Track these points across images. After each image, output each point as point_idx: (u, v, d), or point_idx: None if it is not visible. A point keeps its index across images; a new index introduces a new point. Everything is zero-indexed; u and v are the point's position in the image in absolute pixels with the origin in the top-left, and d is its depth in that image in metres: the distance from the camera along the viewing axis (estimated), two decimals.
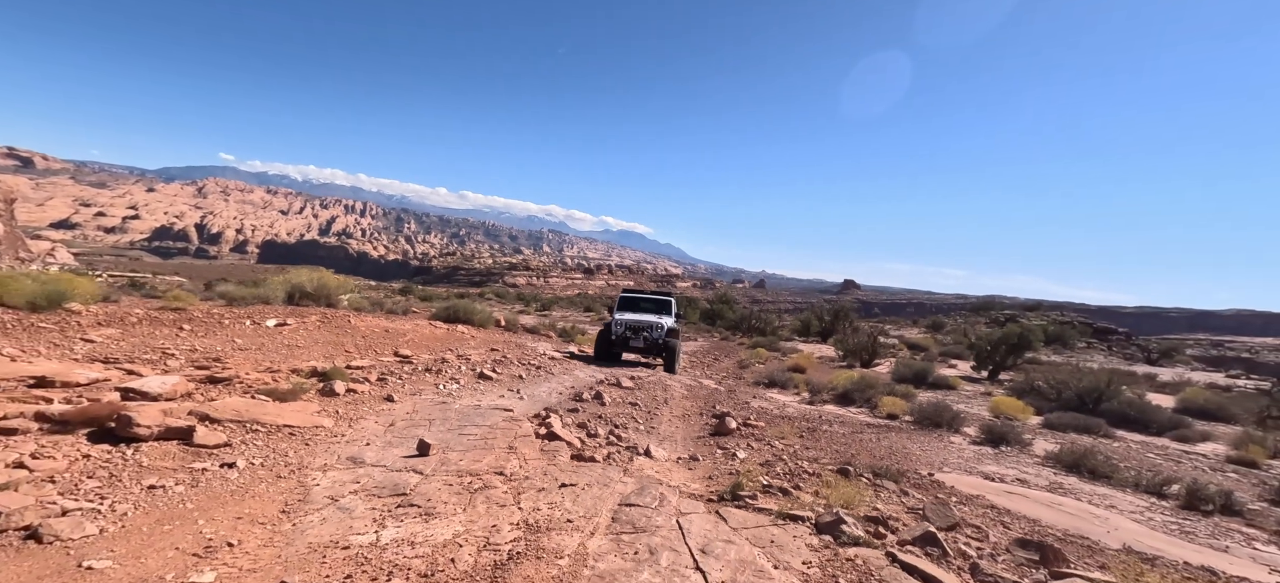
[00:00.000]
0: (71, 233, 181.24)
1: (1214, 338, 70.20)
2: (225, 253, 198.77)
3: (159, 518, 2.70)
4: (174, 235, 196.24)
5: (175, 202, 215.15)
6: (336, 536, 2.71)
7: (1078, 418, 8.87)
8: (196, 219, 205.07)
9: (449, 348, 10.04)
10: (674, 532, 2.88)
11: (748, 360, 16.39)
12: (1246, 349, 55.61)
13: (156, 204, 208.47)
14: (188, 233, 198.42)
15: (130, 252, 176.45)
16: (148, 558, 2.33)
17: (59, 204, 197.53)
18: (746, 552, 2.66)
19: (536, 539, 2.74)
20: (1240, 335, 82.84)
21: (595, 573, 2.43)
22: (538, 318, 24.16)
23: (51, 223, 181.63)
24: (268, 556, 2.47)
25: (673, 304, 14.09)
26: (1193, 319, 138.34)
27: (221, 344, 7.31)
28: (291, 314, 9.90)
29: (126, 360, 5.84)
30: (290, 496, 3.17)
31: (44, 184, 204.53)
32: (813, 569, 2.57)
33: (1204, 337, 71.26)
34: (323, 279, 11.63)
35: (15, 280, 6.32)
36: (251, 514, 2.87)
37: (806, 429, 6.95)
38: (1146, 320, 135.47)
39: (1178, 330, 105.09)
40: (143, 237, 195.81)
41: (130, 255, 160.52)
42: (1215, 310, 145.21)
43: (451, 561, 2.51)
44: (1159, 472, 6.16)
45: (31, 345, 5.76)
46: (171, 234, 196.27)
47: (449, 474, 3.65)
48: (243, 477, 3.35)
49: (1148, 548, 3.76)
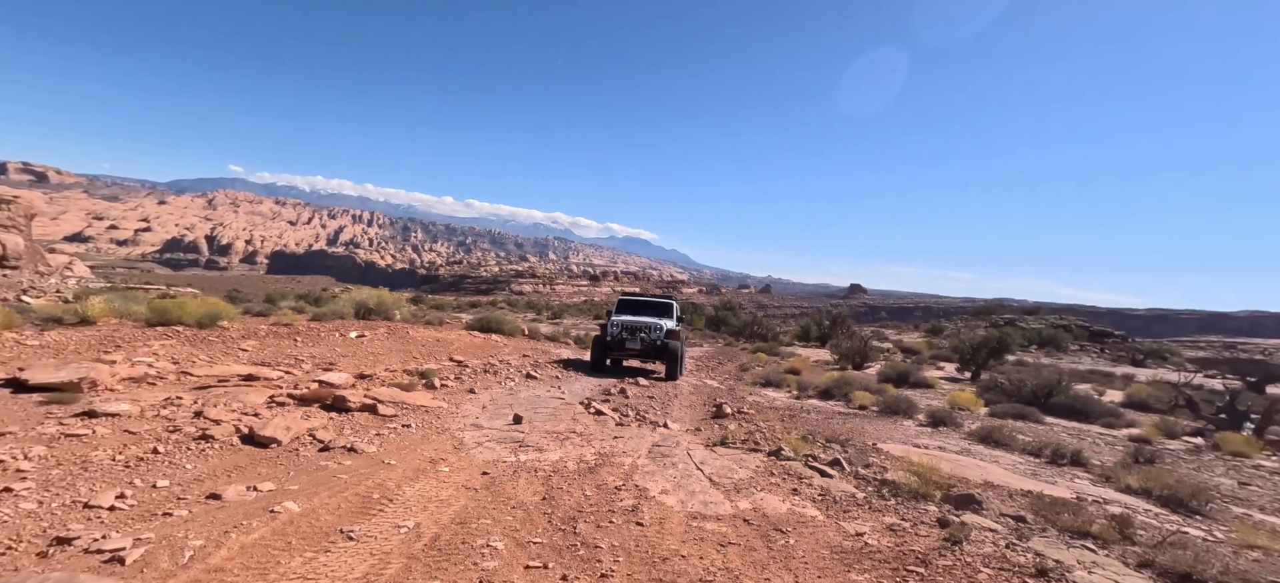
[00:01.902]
0: (84, 246, 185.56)
1: (1227, 340, 71.02)
2: (235, 264, 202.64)
3: (397, 447, 4.83)
4: (184, 247, 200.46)
5: (186, 214, 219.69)
6: (493, 458, 4.82)
7: (1017, 408, 10.86)
8: (207, 231, 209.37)
9: (491, 354, 12.19)
10: (684, 457, 4.97)
11: (749, 364, 18.42)
12: (1260, 351, 56.54)
13: (168, 216, 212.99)
14: (198, 244, 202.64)
15: (142, 264, 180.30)
16: (409, 461, 4.45)
17: (72, 218, 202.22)
18: (724, 464, 4.75)
19: (607, 459, 4.85)
20: (1254, 337, 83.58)
21: (643, 471, 4.53)
22: (552, 326, 26.31)
23: (65, 236, 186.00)
24: (465, 463, 4.59)
25: (674, 307, 13.63)
26: (1205, 321, 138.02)
27: (327, 351, 9.49)
28: (365, 327, 12.09)
29: (273, 364, 8.01)
30: (452, 442, 5.29)
31: (58, 198, 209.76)
32: (760, 469, 4.65)
33: (1216, 339, 72.13)
34: (382, 297, 13.84)
35: (191, 304, 8.53)
36: (438, 450, 4.99)
37: (788, 415, 9.01)
38: (1157, 323, 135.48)
39: (1189, 332, 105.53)
40: (154, 249, 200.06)
41: (142, 267, 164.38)
42: (1229, 312, 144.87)
43: (564, 467, 4.62)
44: (1055, 444, 8.17)
45: (212, 354, 7.96)
46: (182, 246, 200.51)
47: (541, 432, 5.77)
48: (417, 433, 5.47)
49: (997, 480, 5.78)
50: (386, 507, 3.44)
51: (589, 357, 12.84)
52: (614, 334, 11.95)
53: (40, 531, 2.77)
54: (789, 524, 3.56)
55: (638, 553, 3.03)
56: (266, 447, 4.34)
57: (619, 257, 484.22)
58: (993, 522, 3.77)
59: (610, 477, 4.34)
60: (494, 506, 3.60)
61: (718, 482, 4.33)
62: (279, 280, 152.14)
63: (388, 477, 3.99)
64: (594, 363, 11.94)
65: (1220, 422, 10.37)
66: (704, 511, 3.72)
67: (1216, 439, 9.19)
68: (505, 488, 3.97)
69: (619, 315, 12.55)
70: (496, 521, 3.35)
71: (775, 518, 3.64)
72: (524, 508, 3.61)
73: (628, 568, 2.86)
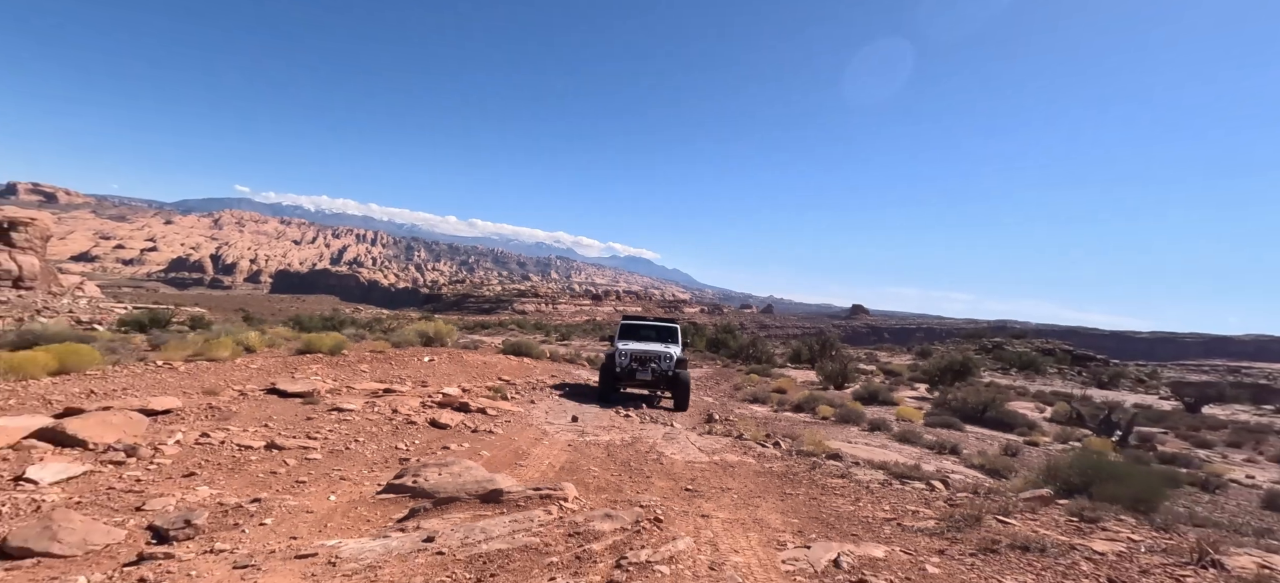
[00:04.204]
0: (91, 265, 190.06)
1: (1231, 364, 73.54)
2: (239, 283, 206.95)
3: (513, 431, 8.21)
4: (189, 266, 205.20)
5: (192, 233, 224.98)
6: (570, 438, 8.18)
7: (946, 418, 14.17)
8: (212, 250, 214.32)
9: (528, 375, 15.57)
10: (683, 438, 8.35)
11: (742, 384, 21.73)
12: (1264, 376, 59.16)
13: (174, 236, 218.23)
14: (203, 264, 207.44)
15: (148, 283, 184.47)
16: (524, 437, 7.83)
17: (80, 237, 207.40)
18: (707, 442, 8.14)
19: (638, 439, 8.24)
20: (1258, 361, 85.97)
21: (659, 444, 7.91)
22: (565, 348, 29.73)
23: (72, 256, 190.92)
24: (555, 440, 7.96)
25: (678, 331, 13.59)
26: (1209, 345, 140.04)
27: (413, 372, 12.90)
28: (432, 352, 15.52)
29: (389, 381, 11.40)
30: (541, 430, 8.65)
31: (66, 218, 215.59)
32: (727, 444, 8.03)
33: (1220, 363, 74.71)
34: (439, 327, 17.32)
35: (328, 336, 12.00)
36: (536, 434, 8.35)
37: (762, 422, 12.33)
38: (1162, 346, 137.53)
39: (1193, 356, 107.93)
40: (159, 268, 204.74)
41: (148, 287, 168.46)
42: (1234, 336, 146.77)
43: (613, 443, 8.00)
44: (951, 443, 11.45)
45: (347, 375, 11.37)
46: (187, 265, 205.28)
47: (593, 426, 9.14)
48: (516, 425, 8.84)
49: (876, 457, 9.07)
50: (528, 456, 6.82)
51: (598, 384, 12.36)
52: (623, 364, 11.67)
53: (383, 458, 6.14)
54: (735, 464, 6.90)
55: (660, 471, 6.39)
56: (444, 429, 7.74)
57: (621, 276, 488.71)
58: (843, 466, 7.11)
59: (641, 447, 7.71)
60: (583, 456, 6.98)
61: (701, 449, 7.69)
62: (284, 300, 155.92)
63: (519, 444, 7.38)
64: (602, 393, 11.63)
65: (1097, 429, 13.66)
66: (693, 459, 7.08)
67: (1086, 443, 12.47)
68: (585, 449, 7.35)
69: (624, 342, 12.38)
70: (587, 460, 6.73)
71: (730, 461, 6.99)
72: (598, 457, 6.98)
73: (657, 477, 6.22)
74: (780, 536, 4.02)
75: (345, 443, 6.45)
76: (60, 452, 5.00)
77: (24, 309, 43.79)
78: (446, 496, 4.37)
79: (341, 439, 6.59)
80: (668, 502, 4.71)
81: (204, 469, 5.11)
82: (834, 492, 5.50)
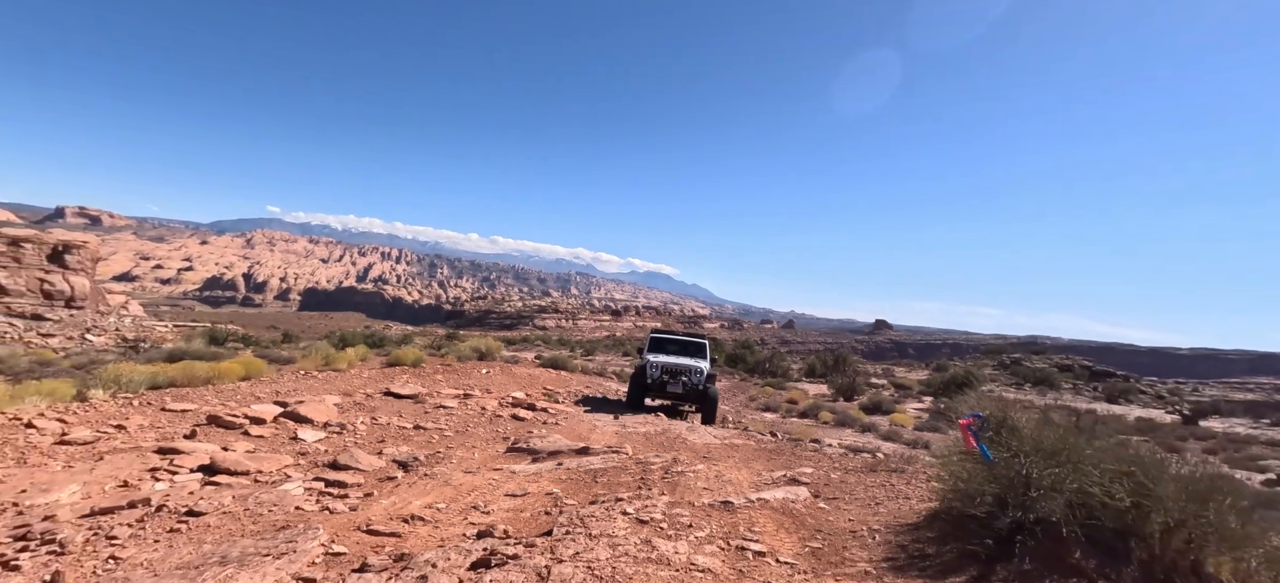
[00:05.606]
0: (132, 285, 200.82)
1: (1276, 381, 72.27)
2: (269, 301, 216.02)
3: (572, 424, 10.98)
4: (223, 285, 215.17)
5: (226, 253, 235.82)
6: (616, 429, 10.91)
7: (932, 423, 16.48)
8: (244, 269, 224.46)
9: (566, 385, 18.37)
10: (702, 431, 11.02)
11: (757, 395, 24.23)
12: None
13: (209, 256, 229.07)
14: (236, 282, 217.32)
15: (184, 301, 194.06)
16: (581, 427, 10.60)
17: (122, 258, 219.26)
18: (720, 433, 10.80)
19: (667, 430, 10.93)
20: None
21: (683, 434, 10.60)
22: (591, 362, 32.56)
23: (113, 276, 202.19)
24: (605, 430, 10.70)
25: (706, 347, 14.11)
26: (1255, 362, 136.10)
27: (476, 382, 15.82)
28: (486, 365, 18.46)
29: (463, 388, 14.31)
30: (590, 425, 11.40)
31: (109, 240, 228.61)
32: (735, 434, 10.66)
33: (1266, 380, 73.61)
34: (490, 344, 20.26)
35: (409, 351, 15.00)
36: (589, 425, 11.10)
37: (770, 423, 14.88)
38: (1203, 363, 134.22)
39: (1238, 374, 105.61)
40: (195, 287, 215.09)
41: (184, 305, 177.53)
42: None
43: (649, 432, 10.71)
44: (929, 441, 13.80)
45: (430, 383, 14.31)
46: (221, 284, 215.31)
47: (633, 422, 11.86)
48: (571, 420, 11.60)
49: (851, 444, 11.55)
50: (591, 435, 9.57)
51: (625, 394, 13.22)
52: (654, 376, 12.34)
53: (492, 436, 8.95)
54: (739, 445, 9.54)
55: (684, 447, 9.07)
56: (522, 420, 10.55)
57: (640, 291, 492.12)
58: (820, 446, 9.68)
59: (670, 435, 10.42)
60: (627, 439, 9.70)
61: (715, 437, 10.37)
62: (312, 317, 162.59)
63: (580, 430, 10.15)
64: (630, 401, 12.37)
65: None
66: (708, 442, 9.74)
67: None
68: (629, 435, 10.08)
69: (654, 355, 13.06)
70: (631, 441, 9.45)
71: (736, 443, 9.64)
72: (639, 439, 9.69)
73: (682, 450, 8.91)
74: (758, 471, 6.67)
75: (462, 426, 9.30)
76: (301, 425, 7.94)
77: (76, 327, 48.23)
78: (552, 450, 7.16)
79: (457, 424, 9.45)
80: (691, 458, 7.39)
81: (387, 440, 7.98)
82: (804, 458, 8.06)
